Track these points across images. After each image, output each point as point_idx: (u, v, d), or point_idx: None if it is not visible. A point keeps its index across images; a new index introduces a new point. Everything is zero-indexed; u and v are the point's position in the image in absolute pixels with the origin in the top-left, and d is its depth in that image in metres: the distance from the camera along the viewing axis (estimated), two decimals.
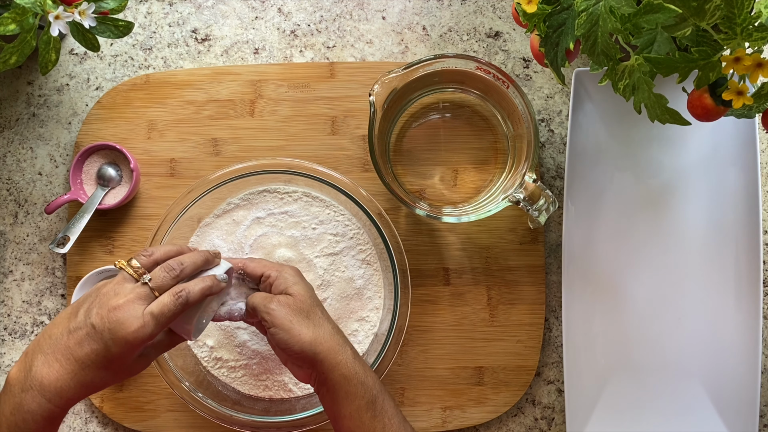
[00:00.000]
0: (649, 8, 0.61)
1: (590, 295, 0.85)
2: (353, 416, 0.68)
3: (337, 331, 0.72)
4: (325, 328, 0.71)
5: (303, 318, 0.70)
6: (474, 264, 0.87)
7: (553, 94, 0.90)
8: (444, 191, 0.86)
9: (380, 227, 0.81)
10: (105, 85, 0.91)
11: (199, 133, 0.89)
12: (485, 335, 0.87)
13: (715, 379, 0.84)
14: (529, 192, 0.77)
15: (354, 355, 0.71)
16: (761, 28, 0.60)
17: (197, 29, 0.91)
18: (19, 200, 0.90)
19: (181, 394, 0.80)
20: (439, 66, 0.80)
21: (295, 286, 0.72)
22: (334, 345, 0.70)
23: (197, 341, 0.84)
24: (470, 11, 0.91)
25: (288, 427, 0.80)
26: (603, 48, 0.65)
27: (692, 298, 0.85)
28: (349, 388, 0.69)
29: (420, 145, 0.86)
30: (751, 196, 0.83)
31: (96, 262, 0.88)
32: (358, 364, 0.70)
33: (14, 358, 0.89)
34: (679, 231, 0.85)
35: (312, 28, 0.91)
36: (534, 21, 0.68)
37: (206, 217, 0.85)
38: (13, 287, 0.89)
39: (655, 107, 0.67)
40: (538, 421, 0.88)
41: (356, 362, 0.70)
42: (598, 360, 0.85)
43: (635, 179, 0.86)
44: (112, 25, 0.77)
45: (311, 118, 0.89)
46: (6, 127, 0.90)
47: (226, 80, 0.89)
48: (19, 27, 0.71)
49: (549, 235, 0.89)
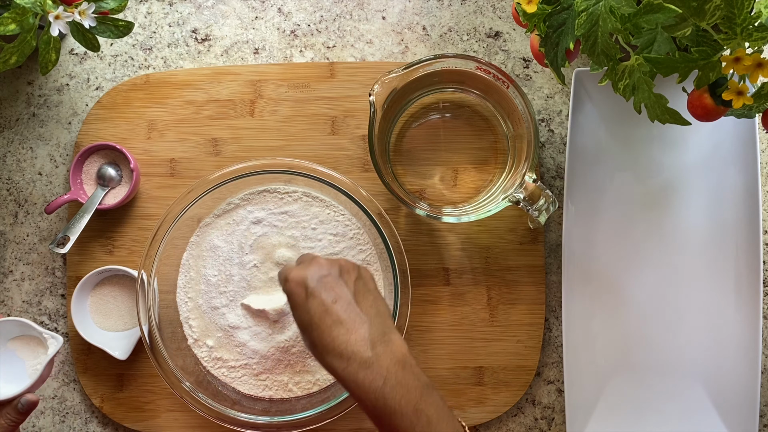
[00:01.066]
0: (649, 8, 0.61)
1: (590, 295, 0.85)
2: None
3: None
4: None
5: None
6: (474, 264, 0.87)
7: (553, 94, 0.90)
8: (444, 191, 0.86)
9: (380, 227, 0.81)
10: (105, 85, 0.91)
11: (199, 133, 0.89)
12: (485, 335, 0.87)
13: (715, 379, 0.84)
14: (529, 192, 0.77)
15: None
16: (761, 28, 0.60)
17: (197, 29, 0.91)
18: (19, 200, 0.90)
19: (181, 394, 0.80)
20: (439, 66, 0.80)
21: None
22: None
23: (197, 341, 0.84)
24: (470, 11, 0.91)
25: (288, 427, 0.80)
26: (603, 48, 0.65)
27: (692, 298, 0.85)
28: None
29: (420, 145, 0.86)
30: (751, 196, 0.83)
31: (96, 262, 0.88)
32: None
33: None
34: (679, 231, 0.85)
35: (312, 28, 0.91)
36: (534, 21, 0.68)
37: (206, 217, 0.85)
38: (13, 287, 0.89)
39: (655, 107, 0.67)
40: (538, 421, 0.88)
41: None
42: (598, 360, 0.85)
43: (635, 179, 0.86)
44: (112, 25, 0.77)
45: (311, 118, 0.89)
46: (6, 127, 0.90)
47: (226, 80, 0.89)
48: (19, 27, 0.71)
49: (549, 235, 0.89)
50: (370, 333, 0.65)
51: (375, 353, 0.64)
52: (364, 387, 0.63)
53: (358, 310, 0.66)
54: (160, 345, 0.80)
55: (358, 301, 0.67)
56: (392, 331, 0.67)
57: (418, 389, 0.64)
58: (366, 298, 0.68)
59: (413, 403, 0.63)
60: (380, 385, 0.63)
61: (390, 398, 0.62)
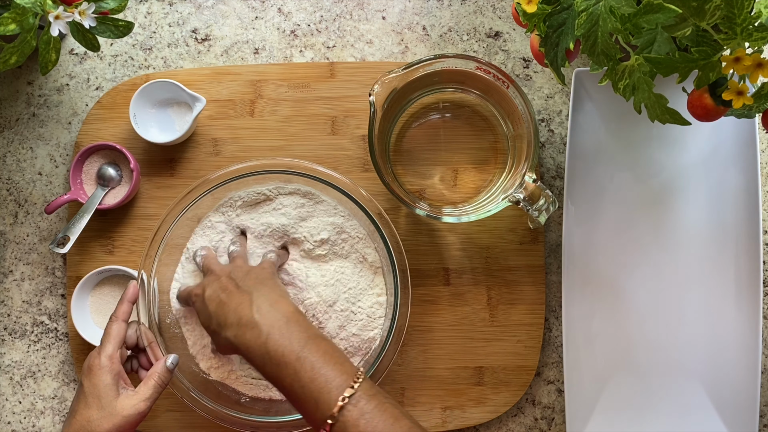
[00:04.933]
0: (649, 8, 0.61)
1: (590, 295, 0.85)
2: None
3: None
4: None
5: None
6: (474, 264, 0.87)
7: (553, 94, 0.90)
8: (444, 191, 0.86)
9: (380, 227, 0.81)
10: (105, 85, 0.91)
11: (199, 133, 0.89)
12: (485, 335, 0.87)
13: (715, 379, 0.84)
14: (529, 192, 0.77)
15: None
16: (761, 28, 0.60)
17: (197, 29, 0.91)
18: (19, 200, 0.90)
19: (181, 394, 0.80)
20: (439, 66, 0.80)
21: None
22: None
23: (197, 341, 0.84)
24: (470, 11, 0.91)
25: (288, 427, 0.80)
26: (603, 48, 0.65)
27: (692, 297, 0.85)
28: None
29: (420, 145, 0.86)
30: (751, 196, 0.83)
31: (96, 262, 0.88)
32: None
33: (14, 358, 0.89)
34: (679, 231, 0.85)
35: (312, 28, 0.91)
36: (534, 21, 0.68)
37: (206, 217, 0.85)
38: (13, 287, 0.89)
39: (655, 107, 0.67)
40: (538, 421, 0.88)
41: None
42: (598, 360, 0.85)
43: (635, 179, 0.86)
44: (112, 25, 0.77)
45: (311, 118, 0.89)
46: (6, 127, 0.90)
47: (226, 80, 0.89)
48: (19, 27, 0.71)
49: (549, 235, 0.89)
50: (254, 303, 0.71)
51: (260, 314, 0.70)
52: (250, 345, 0.69)
53: (246, 291, 0.73)
54: (159, 345, 0.80)
55: (246, 287, 0.74)
56: (282, 299, 0.73)
57: (303, 339, 0.69)
58: (254, 283, 0.75)
59: (296, 352, 0.68)
60: (264, 340, 0.69)
61: (273, 350, 0.68)
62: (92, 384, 0.72)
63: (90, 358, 0.74)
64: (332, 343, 0.71)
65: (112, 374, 0.72)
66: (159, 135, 0.87)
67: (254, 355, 0.70)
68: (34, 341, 0.89)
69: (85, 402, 0.72)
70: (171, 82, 0.85)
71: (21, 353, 0.89)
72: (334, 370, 0.67)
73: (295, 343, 0.69)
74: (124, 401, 0.72)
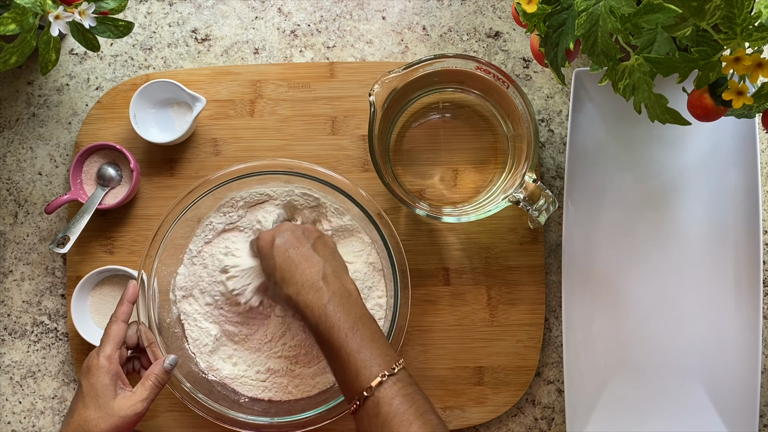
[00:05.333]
0: (649, 8, 0.61)
1: (590, 295, 0.85)
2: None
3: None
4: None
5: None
6: (474, 264, 0.87)
7: (553, 94, 0.90)
8: (444, 191, 0.86)
9: (380, 227, 0.81)
10: (105, 85, 0.91)
11: (199, 133, 0.89)
12: (485, 335, 0.87)
13: (715, 379, 0.84)
14: (529, 192, 0.77)
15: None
16: (761, 28, 0.60)
17: (197, 29, 0.91)
18: (19, 200, 0.90)
19: (181, 395, 0.80)
20: (439, 66, 0.80)
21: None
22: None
23: (197, 341, 0.84)
24: (470, 11, 0.91)
25: (288, 428, 0.80)
26: (603, 48, 0.65)
27: (692, 298, 0.85)
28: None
29: (420, 145, 0.86)
30: (751, 196, 0.83)
31: (96, 262, 0.88)
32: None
33: (14, 358, 0.89)
34: (679, 231, 0.85)
35: (312, 28, 0.91)
36: (534, 21, 0.68)
37: (206, 217, 0.85)
38: (13, 287, 0.89)
39: (655, 107, 0.67)
40: (538, 421, 0.88)
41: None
42: (598, 360, 0.85)
43: (635, 179, 0.86)
44: (112, 25, 0.77)
45: (311, 118, 0.89)
46: (6, 127, 0.90)
47: (226, 80, 0.89)
48: (19, 27, 0.71)
49: (549, 235, 0.89)
50: (323, 270, 0.74)
51: (325, 282, 0.73)
52: (310, 304, 0.72)
53: (316, 255, 0.76)
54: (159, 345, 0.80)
55: (316, 251, 0.76)
56: (345, 274, 0.77)
57: (358, 314, 0.72)
58: (324, 250, 0.77)
59: (351, 322, 0.71)
60: (325, 302, 0.72)
61: (331, 314, 0.71)
62: (90, 384, 0.73)
63: (89, 359, 0.74)
64: (378, 326, 0.73)
65: (110, 375, 0.73)
66: (159, 135, 0.87)
67: (312, 314, 0.72)
68: (34, 341, 0.89)
69: (83, 402, 0.72)
70: (171, 82, 0.85)
71: (21, 353, 0.89)
72: (380, 349, 0.70)
73: (352, 315, 0.71)
74: (122, 402, 0.73)
